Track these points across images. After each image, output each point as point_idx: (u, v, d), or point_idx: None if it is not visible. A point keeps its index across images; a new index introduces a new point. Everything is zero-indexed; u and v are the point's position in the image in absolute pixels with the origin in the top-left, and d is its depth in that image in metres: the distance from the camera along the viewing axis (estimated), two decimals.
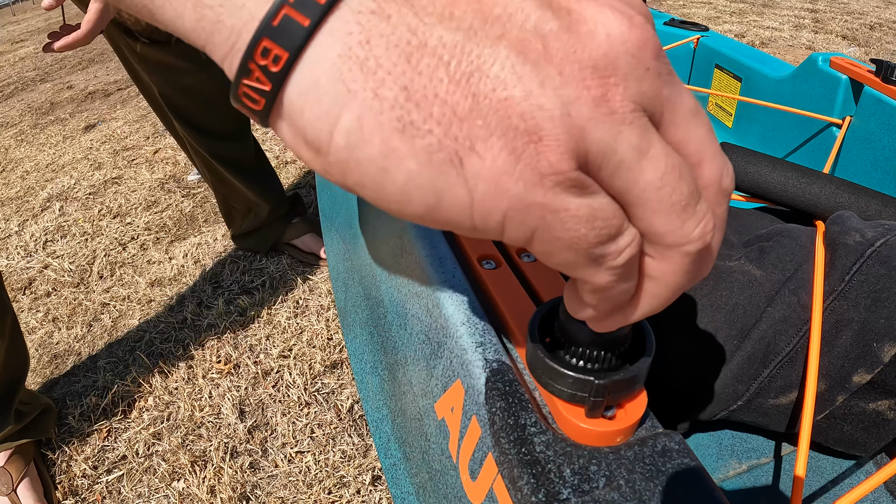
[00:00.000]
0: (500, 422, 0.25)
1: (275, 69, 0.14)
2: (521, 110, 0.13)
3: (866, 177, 0.70)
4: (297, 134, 0.15)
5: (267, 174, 1.23)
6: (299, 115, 0.14)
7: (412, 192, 0.14)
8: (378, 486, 0.83)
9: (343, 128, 0.14)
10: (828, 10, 3.36)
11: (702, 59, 1.06)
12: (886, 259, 0.37)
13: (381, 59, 0.13)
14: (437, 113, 0.13)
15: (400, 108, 0.13)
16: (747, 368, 0.40)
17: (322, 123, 0.14)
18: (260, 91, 0.14)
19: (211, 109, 1.07)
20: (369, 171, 0.14)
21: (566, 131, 0.13)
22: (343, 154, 0.14)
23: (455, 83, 0.13)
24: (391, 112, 0.13)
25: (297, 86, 0.14)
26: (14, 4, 7.23)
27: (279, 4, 0.14)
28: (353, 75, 0.13)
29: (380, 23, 0.13)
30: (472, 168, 0.14)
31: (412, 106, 0.13)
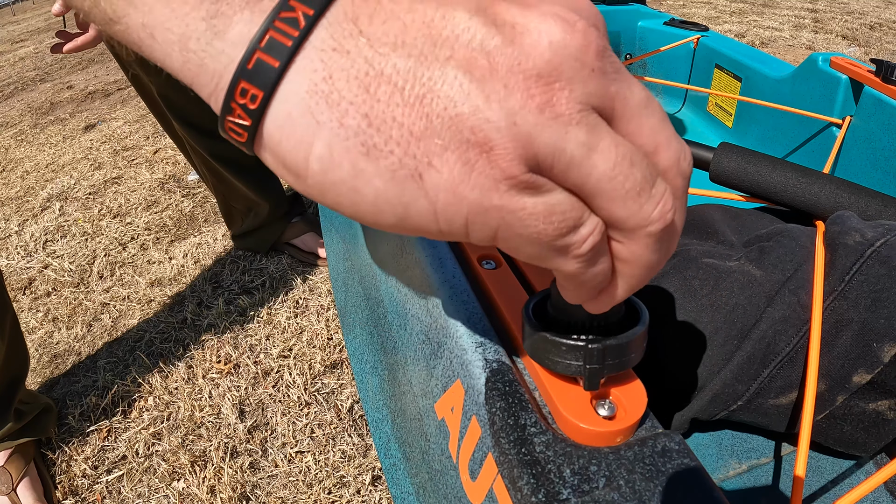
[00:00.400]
0: (500, 422, 0.25)
1: (252, 106, 0.15)
2: (470, 125, 0.15)
3: (866, 177, 0.70)
4: (277, 161, 0.16)
5: (266, 174, 1.23)
6: (277, 144, 0.16)
7: (382, 206, 0.16)
8: (378, 486, 0.83)
9: (316, 154, 0.15)
10: (828, 10, 3.36)
11: (702, 59, 1.06)
12: (886, 259, 0.37)
13: (343, 91, 0.15)
14: (396, 135, 0.15)
15: (363, 134, 0.15)
16: (747, 368, 0.40)
17: (298, 151, 0.15)
18: (242, 126, 0.16)
19: (210, 109, 1.07)
20: (343, 191, 0.16)
21: (513, 139, 0.15)
22: (318, 177, 0.16)
23: (410, 106, 0.15)
24: (356, 138, 0.15)
25: (274, 120, 0.15)
26: (14, 4, 7.23)
27: (252, 49, 0.15)
28: (320, 108, 0.15)
29: (340, 58, 0.15)
30: (432, 181, 0.15)
31: (373, 131, 0.15)
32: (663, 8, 3.45)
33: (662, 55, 1.13)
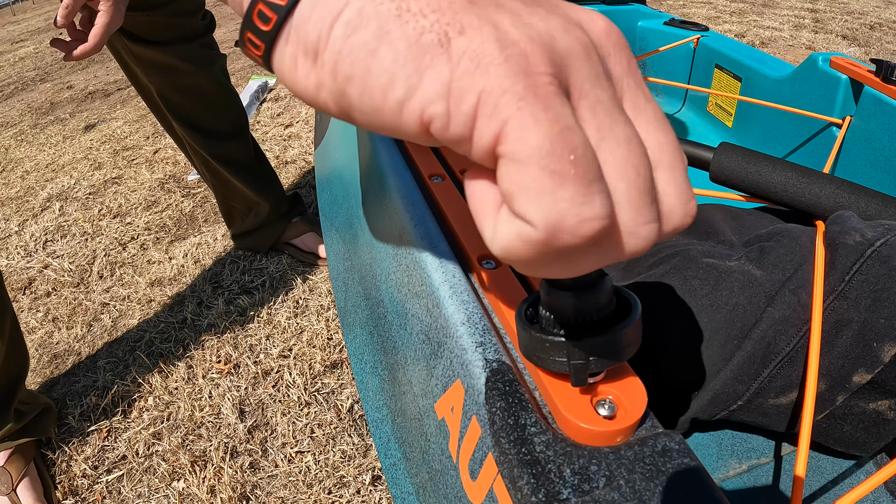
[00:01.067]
0: (500, 422, 0.25)
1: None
2: (511, 20, 0.15)
3: (866, 177, 0.70)
4: (297, 48, 0.16)
5: (267, 173, 1.23)
6: (306, 21, 0.16)
7: (397, 70, 0.15)
8: (378, 486, 0.83)
9: (343, 19, 0.15)
10: (828, 10, 3.36)
11: (702, 59, 1.06)
12: (886, 259, 0.37)
13: None
14: (434, 4, 0.15)
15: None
16: (747, 368, 0.40)
17: (325, 20, 0.15)
18: (274, 6, 0.16)
19: (210, 109, 1.08)
20: (359, 56, 0.15)
21: (552, 48, 0.15)
22: (339, 44, 0.15)
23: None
24: (391, 3, 0.15)
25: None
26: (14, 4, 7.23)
27: None
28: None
29: None
30: (459, 46, 0.14)
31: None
32: (663, 8, 3.46)
33: (662, 55, 1.13)
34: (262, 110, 2.27)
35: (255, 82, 2.41)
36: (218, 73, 1.07)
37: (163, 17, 0.91)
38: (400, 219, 0.42)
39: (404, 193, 0.43)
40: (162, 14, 0.91)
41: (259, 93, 2.36)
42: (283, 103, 2.32)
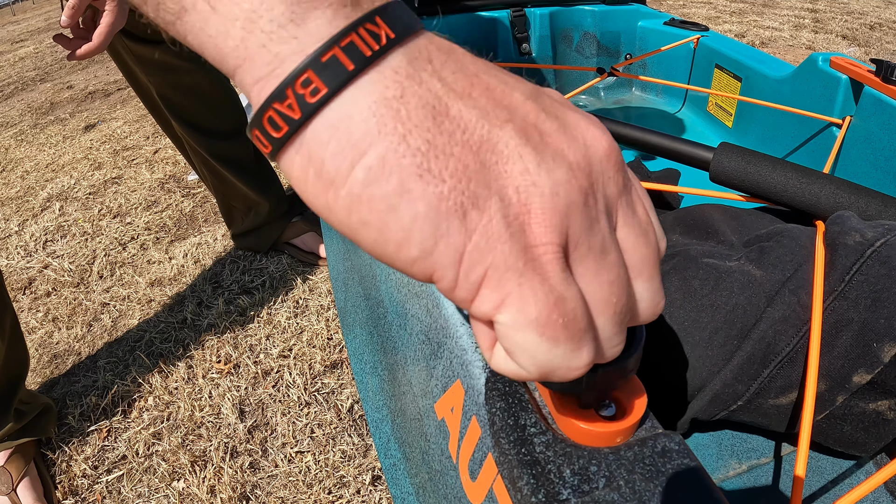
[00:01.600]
0: (500, 422, 0.25)
1: (311, 100, 0.15)
2: (517, 184, 0.16)
3: (866, 177, 0.70)
4: (309, 166, 0.16)
5: (266, 173, 1.23)
6: (323, 146, 0.15)
7: (414, 232, 0.15)
8: (378, 486, 0.83)
9: (365, 163, 0.15)
10: (828, 10, 3.36)
11: (702, 59, 1.06)
12: (886, 259, 0.37)
13: (412, 112, 0.15)
14: (452, 167, 0.15)
15: (422, 156, 0.15)
16: (747, 368, 0.40)
17: (345, 156, 0.15)
18: (287, 118, 0.15)
19: (210, 108, 1.08)
20: (378, 208, 0.15)
21: (553, 209, 0.16)
22: (357, 188, 0.15)
23: (469, 148, 0.15)
24: (413, 158, 0.15)
25: (330, 119, 0.15)
26: (14, 4, 7.23)
27: (331, 44, 0.15)
28: (385, 120, 0.15)
29: (413, 84, 0.15)
30: (472, 220, 0.15)
31: (432, 157, 0.15)
32: (663, 8, 3.45)
33: (662, 55, 1.13)
34: None
35: None
36: (217, 72, 1.07)
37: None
38: None
39: None
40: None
41: None
42: None
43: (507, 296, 0.16)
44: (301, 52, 0.15)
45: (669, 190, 0.57)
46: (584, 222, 0.16)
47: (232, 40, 0.16)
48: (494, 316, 0.16)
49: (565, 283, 0.16)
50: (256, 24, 0.15)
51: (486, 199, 0.15)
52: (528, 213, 0.15)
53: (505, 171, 0.15)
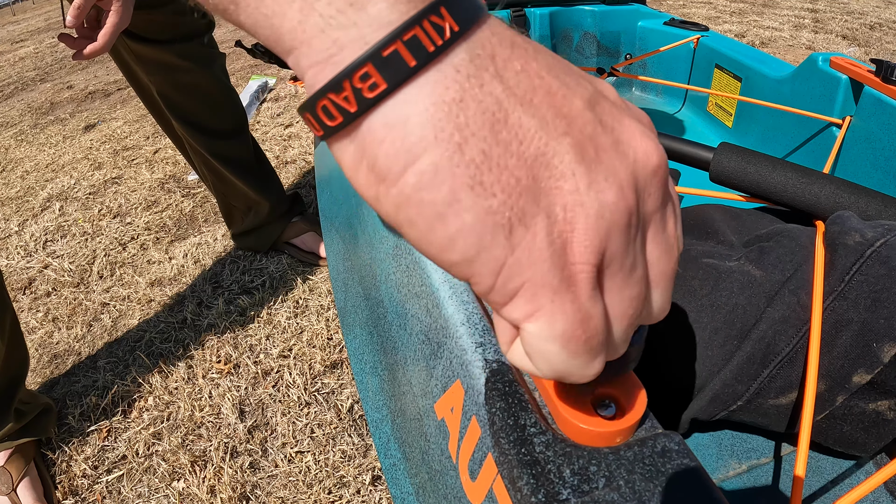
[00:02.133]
0: (500, 422, 0.25)
1: (368, 95, 0.14)
2: (564, 202, 0.15)
3: (866, 177, 0.70)
4: (363, 158, 0.15)
5: (266, 172, 1.23)
6: (377, 143, 0.15)
7: (458, 241, 0.15)
8: (378, 486, 0.83)
9: (419, 168, 0.15)
10: (828, 10, 3.36)
11: (702, 59, 1.06)
12: (886, 259, 0.37)
13: (471, 119, 0.15)
14: (504, 181, 0.15)
15: (475, 168, 0.15)
16: (747, 368, 0.40)
17: (399, 158, 0.15)
18: (342, 110, 0.15)
19: (210, 107, 1.08)
20: (426, 213, 0.15)
21: (596, 230, 0.16)
22: (408, 190, 0.15)
23: (523, 161, 0.15)
24: (467, 168, 0.15)
25: (386, 117, 0.15)
26: (14, 4, 7.23)
27: (394, 37, 0.14)
28: (443, 125, 0.14)
29: (474, 88, 0.15)
30: (517, 236, 0.15)
31: (486, 169, 0.15)
32: (663, 8, 3.45)
33: (662, 55, 1.13)
34: (262, 110, 2.27)
35: (255, 82, 2.41)
36: (217, 71, 1.07)
37: (164, 15, 0.91)
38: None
39: None
40: (163, 12, 0.91)
41: (259, 93, 2.36)
42: (283, 103, 2.32)
43: (539, 309, 0.16)
44: (361, 40, 0.14)
45: None
46: (622, 243, 0.16)
47: (289, 21, 0.15)
48: (523, 324, 0.17)
49: (593, 301, 0.16)
50: (314, 6, 0.14)
51: (533, 215, 0.15)
52: (571, 232, 0.16)
53: (556, 188, 0.15)
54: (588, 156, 0.16)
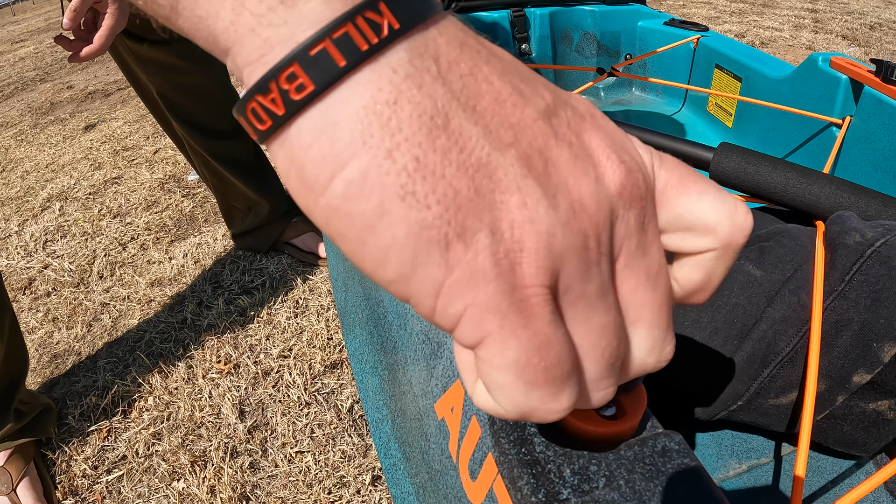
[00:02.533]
0: (500, 422, 0.25)
1: (295, 97, 0.14)
2: (511, 218, 0.14)
3: (866, 177, 0.70)
4: (292, 165, 0.14)
5: (266, 172, 1.23)
6: (303, 149, 0.14)
7: (391, 256, 0.14)
8: (378, 486, 0.83)
9: (345, 176, 0.14)
10: (828, 10, 3.36)
11: (702, 59, 1.06)
12: (886, 259, 0.37)
13: (404, 124, 0.13)
14: (440, 193, 0.14)
15: (407, 176, 0.13)
16: (747, 368, 0.40)
17: (325, 165, 0.14)
18: (270, 113, 0.14)
19: (210, 108, 1.07)
20: (356, 225, 0.14)
21: (546, 250, 0.14)
22: (336, 201, 0.14)
23: (464, 171, 0.14)
24: (397, 177, 0.13)
25: (312, 121, 0.14)
26: (14, 4, 7.23)
27: (321, 36, 0.13)
28: (373, 130, 0.13)
29: (411, 89, 0.14)
30: (456, 254, 0.14)
31: (419, 178, 0.13)
32: (663, 8, 3.46)
33: (662, 55, 1.13)
34: None
35: None
36: (217, 72, 1.07)
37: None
38: None
39: None
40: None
41: None
42: None
43: (488, 335, 0.15)
44: (292, 39, 0.14)
45: None
46: (580, 266, 0.15)
47: (222, 22, 0.14)
48: (474, 350, 0.15)
49: (551, 327, 0.15)
50: (245, 4, 0.14)
51: (474, 231, 0.14)
52: (520, 252, 0.14)
53: (501, 202, 0.14)
54: (536, 169, 0.15)
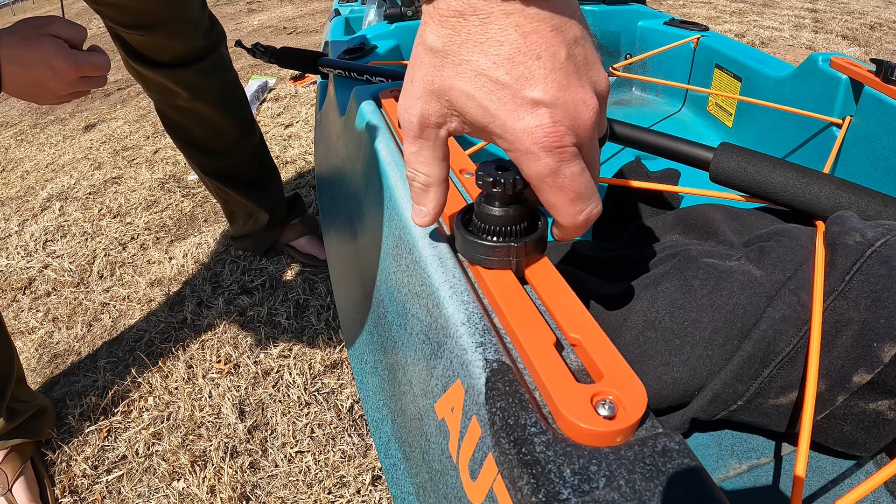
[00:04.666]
0: (501, 422, 0.25)
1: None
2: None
3: (866, 177, 0.70)
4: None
5: (266, 184, 1.20)
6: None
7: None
8: (378, 486, 0.83)
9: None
10: (828, 10, 3.36)
11: (702, 59, 1.06)
12: (886, 259, 0.37)
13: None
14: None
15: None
16: (747, 368, 0.40)
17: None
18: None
19: (207, 129, 1.05)
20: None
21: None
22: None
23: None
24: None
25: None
26: (14, 4, 7.23)
27: None
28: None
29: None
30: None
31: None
32: (663, 8, 3.45)
33: (662, 55, 1.13)
34: (262, 110, 2.27)
35: (255, 82, 2.41)
36: (214, 99, 1.02)
37: (160, 37, 0.89)
38: (400, 218, 0.42)
39: (404, 193, 0.43)
40: (159, 35, 0.88)
41: (259, 93, 2.36)
42: (283, 103, 2.32)
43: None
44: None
45: (669, 190, 0.57)
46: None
47: None
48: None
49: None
50: None
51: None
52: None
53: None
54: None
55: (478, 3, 0.24)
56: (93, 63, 0.58)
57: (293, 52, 0.91)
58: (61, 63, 0.55)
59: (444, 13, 0.25)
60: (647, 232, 0.54)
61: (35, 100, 0.57)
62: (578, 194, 0.27)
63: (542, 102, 0.25)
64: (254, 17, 4.14)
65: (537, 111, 0.25)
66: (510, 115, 0.25)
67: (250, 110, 1.13)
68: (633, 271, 0.48)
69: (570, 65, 0.25)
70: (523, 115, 0.25)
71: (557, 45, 0.25)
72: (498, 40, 0.24)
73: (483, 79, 0.25)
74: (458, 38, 0.25)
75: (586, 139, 0.26)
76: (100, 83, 0.62)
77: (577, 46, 0.25)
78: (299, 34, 3.48)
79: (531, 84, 0.25)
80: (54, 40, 0.55)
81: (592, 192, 0.28)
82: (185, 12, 0.90)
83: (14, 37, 0.53)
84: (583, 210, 0.28)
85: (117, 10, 0.83)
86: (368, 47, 0.96)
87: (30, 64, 0.53)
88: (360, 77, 0.77)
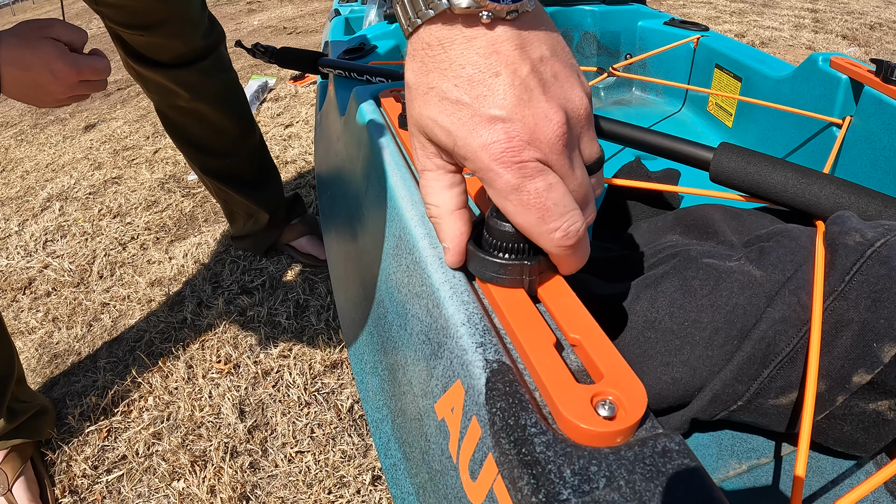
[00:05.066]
0: (501, 422, 0.25)
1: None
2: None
3: (866, 177, 0.70)
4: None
5: (266, 184, 1.20)
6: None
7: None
8: (378, 486, 0.83)
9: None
10: (828, 10, 3.36)
11: (702, 59, 1.06)
12: (886, 259, 0.37)
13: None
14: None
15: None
16: (747, 368, 0.40)
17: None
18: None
19: (207, 129, 1.05)
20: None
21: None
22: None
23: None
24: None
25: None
26: (14, 4, 7.23)
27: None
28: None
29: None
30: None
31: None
32: (663, 8, 3.45)
33: (662, 55, 1.13)
34: (262, 110, 2.27)
35: (255, 82, 2.41)
36: (214, 99, 1.02)
37: (161, 38, 0.89)
38: (400, 219, 0.42)
39: (404, 193, 0.43)
40: (159, 35, 0.88)
41: (259, 93, 2.36)
42: (283, 103, 2.32)
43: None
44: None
45: (669, 190, 0.57)
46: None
47: None
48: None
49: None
50: None
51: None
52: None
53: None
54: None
55: (442, 32, 0.25)
56: (93, 67, 0.58)
57: (293, 53, 0.91)
58: (61, 66, 0.55)
59: (416, 47, 0.26)
60: (647, 232, 0.54)
61: (35, 102, 0.57)
62: (546, 211, 0.26)
63: (498, 118, 0.25)
64: (254, 17, 4.14)
65: (494, 127, 0.25)
66: (469, 134, 0.25)
67: (250, 110, 1.13)
68: (633, 271, 0.48)
69: (532, 80, 0.25)
70: (481, 131, 0.25)
71: (519, 62, 0.25)
72: (460, 64, 0.25)
73: (445, 102, 0.25)
74: (425, 69, 0.26)
75: (553, 154, 0.25)
76: (100, 87, 0.62)
77: (544, 64, 0.25)
78: (299, 34, 3.48)
79: (489, 101, 0.25)
80: (55, 43, 0.55)
81: (566, 210, 0.26)
82: (185, 12, 0.90)
83: (14, 39, 0.53)
84: (557, 228, 0.26)
85: (117, 10, 0.83)
86: (368, 47, 0.96)
87: (30, 66, 0.53)
88: (360, 77, 0.77)
